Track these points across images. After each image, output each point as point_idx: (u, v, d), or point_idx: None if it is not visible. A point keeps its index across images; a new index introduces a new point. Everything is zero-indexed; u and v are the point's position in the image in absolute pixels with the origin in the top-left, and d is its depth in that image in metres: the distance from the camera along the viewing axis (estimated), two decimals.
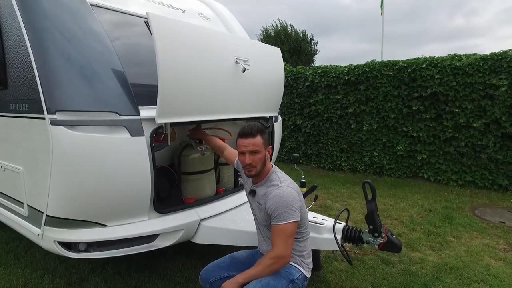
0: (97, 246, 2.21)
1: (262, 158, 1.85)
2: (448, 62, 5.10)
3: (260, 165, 1.86)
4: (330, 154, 6.52)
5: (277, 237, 1.75)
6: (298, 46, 18.84)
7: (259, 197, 1.91)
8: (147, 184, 2.15)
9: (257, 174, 1.87)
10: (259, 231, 2.03)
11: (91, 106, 2.00)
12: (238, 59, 2.51)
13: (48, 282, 2.53)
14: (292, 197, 1.78)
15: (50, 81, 1.98)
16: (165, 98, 2.06)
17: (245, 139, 1.85)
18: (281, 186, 1.81)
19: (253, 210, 2.04)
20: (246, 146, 1.84)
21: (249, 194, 2.01)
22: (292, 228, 1.76)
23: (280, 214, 1.74)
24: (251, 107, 2.80)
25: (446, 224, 3.78)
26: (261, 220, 1.92)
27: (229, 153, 2.40)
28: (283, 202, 1.75)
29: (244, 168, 1.90)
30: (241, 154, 1.88)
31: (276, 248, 1.74)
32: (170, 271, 2.68)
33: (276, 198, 1.77)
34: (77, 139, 1.91)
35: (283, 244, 1.73)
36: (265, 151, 1.88)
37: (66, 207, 2.05)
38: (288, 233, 1.74)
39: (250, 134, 1.84)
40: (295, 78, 6.77)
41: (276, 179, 1.88)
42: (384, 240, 2.13)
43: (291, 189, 1.81)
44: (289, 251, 1.75)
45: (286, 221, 1.73)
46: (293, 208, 1.75)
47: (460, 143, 5.16)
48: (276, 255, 1.73)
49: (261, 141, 1.85)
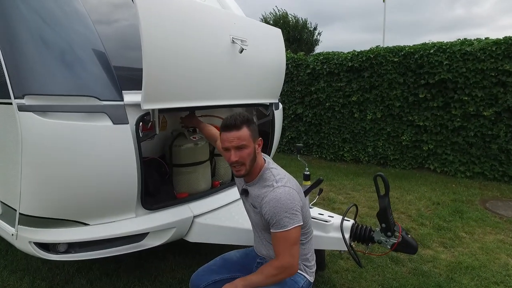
0: (79, 247, 1.99)
1: (250, 154, 1.58)
2: (457, 47, 4.83)
3: (249, 162, 1.59)
4: (332, 145, 6.29)
5: (281, 246, 1.52)
6: (298, 34, 18.41)
7: (253, 198, 1.66)
8: (133, 178, 1.91)
9: (247, 173, 1.61)
10: (257, 234, 1.80)
11: (66, 90, 1.75)
12: (235, 39, 2.25)
13: (28, 285, 2.32)
14: (292, 199, 1.52)
15: (17, 61, 1.72)
16: (151, 81, 1.80)
17: (228, 133, 1.56)
18: (277, 187, 1.55)
19: (247, 211, 1.80)
20: (230, 141, 1.56)
21: (242, 194, 1.77)
22: (295, 234, 1.52)
23: (280, 220, 1.50)
24: (249, 92, 2.54)
25: (456, 218, 3.57)
26: (258, 223, 1.69)
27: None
28: (282, 206, 1.50)
29: (231, 167, 1.63)
30: (225, 151, 1.61)
31: (281, 257, 1.51)
32: (162, 272, 2.47)
33: (272, 203, 1.51)
34: (50, 127, 1.66)
35: (288, 253, 1.50)
36: (254, 144, 1.60)
37: (40, 205, 1.82)
38: (292, 241, 1.51)
39: (234, 126, 1.55)
40: (295, 65, 6.49)
41: (270, 177, 1.61)
42: (398, 240, 1.91)
43: (289, 189, 1.55)
44: (296, 260, 1.53)
45: (287, 227, 1.49)
46: (293, 211, 1.51)
47: (469, 132, 4.92)
48: (282, 265, 1.51)
49: (248, 133, 1.57)
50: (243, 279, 1.57)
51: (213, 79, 2.16)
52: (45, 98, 1.69)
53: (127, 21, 2.41)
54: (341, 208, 3.83)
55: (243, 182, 1.76)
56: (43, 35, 1.86)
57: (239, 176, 1.65)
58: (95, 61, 1.94)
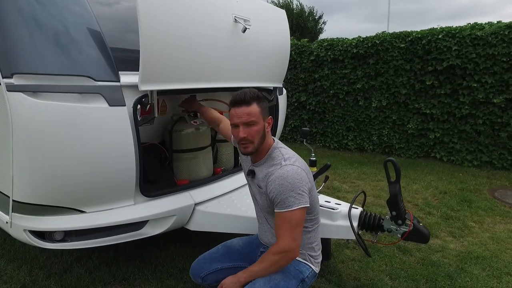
0: (76, 235, 1.91)
1: (260, 131, 1.50)
2: (467, 32, 4.66)
3: (258, 140, 1.51)
4: (336, 133, 6.17)
5: (282, 227, 1.44)
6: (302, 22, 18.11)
7: (259, 179, 1.58)
8: (131, 163, 1.82)
9: (255, 151, 1.53)
10: (262, 220, 1.71)
11: (58, 69, 1.65)
12: (237, 18, 2.13)
13: (25, 274, 2.25)
14: (299, 178, 1.44)
15: (5, 37, 1.61)
16: (148, 60, 1.69)
17: (238, 108, 1.49)
18: (285, 165, 1.47)
19: (253, 194, 1.72)
20: (239, 116, 1.48)
21: (248, 175, 1.68)
22: (299, 216, 1.44)
23: (285, 199, 1.42)
24: (253, 75, 2.43)
25: (465, 208, 3.48)
26: (263, 206, 1.60)
27: (225, 126, 2.04)
28: (288, 184, 1.42)
29: (239, 144, 1.55)
30: (234, 127, 1.53)
31: (281, 240, 1.43)
32: (163, 261, 2.40)
33: (279, 180, 1.43)
34: (41, 108, 1.57)
35: (289, 235, 1.42)
36: (263, 122, 1.52)
37: (33, 191, 1.73)
38: (295, 222, 1.42)
39: (243, 101, 1.48)
40: (299, 52, 6.32)
41: (278, 156, 1.53)
42: (409, 229, 1.82)
43: (297, 168, 1.47)
44: (297, 243, 1.45)
45: (292, 207, 1.41)
46: (300, 191, 1.42)
47: (478, 120, 4.79)
48: (281, 249, 1.42)
49: (258, 110, 1.49)
50: (245, 271, 1.49)
51: (214, 60, 2.05)
52: (35, 77, 1.59)
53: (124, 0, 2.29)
54: (346, 197, 3.74)
55: (250, 163, 1.67)
56: (33, 12, 1.75)
57: (246, 153, 1.55)
58: (89, 40, 1.83)
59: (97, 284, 2.16)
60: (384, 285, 2.18)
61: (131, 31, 2.02)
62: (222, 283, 1.50)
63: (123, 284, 2.19)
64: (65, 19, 1.83)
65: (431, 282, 2.22)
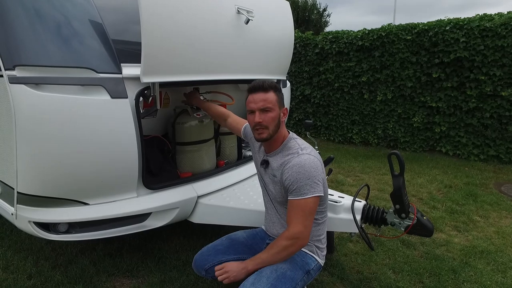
0: (80, 227, 1.93)
1: (275, 118, 1.52)
2: (476, 23, 4.57)
3: (274, 127, 1.52)
4: (341, 126, 6.13)
5: (295, 214, 1.45)
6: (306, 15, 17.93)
7: (274, 169, 1.58)
8: (133, 155, 1.82)
9: (269, 137, 1.54)
10: (271, 211, 1.71)
11: (60, 61, 1.64)
12: (240, 9, 2.11)
13: (31, 265, 2.28)
14: (315, 167, 1.46)
15: (7, 29, 1.61)
16: (150, 52, 1.69)
17: (255, 94, 1.53)
18: (302, 154, 1.49)
19: (264, 185, 1.71)
20: (256, 102, 1.51)
21: (261, 165, 1.67)
22: (313, 204, 1.45)
23: (301, 187, 1.43)
24: (256, 67, 2.41)
25: (470, 202, 3.44)
26: (276, 195, 1.60)
27: (233, 120, 2.04)
28: (305, 172, 1.43)
29: (254, 131, 1.57)
30: (250, 113, 1.56)
31: (293, 226, 1.44)
32: (166, 253, 2.41)
33: (296, 168, 1.45)
34: (43, 100, 1.57)
35: (302, 222, 1.43)
36: (279, 111, 1.55)
37: (37, 183, 1.74)
38: (308, 210, 1.44)
39: (261, 88, 1.52)
40: (303, 45, 6.27)
41: (295, 146, 1.55)
42: (413, 222, 1.80)
43: (314, 158, 1.49)
44: (308, 231, 1.46)
45: (307, 195, 1.43)
46: (316, 180, 1.44)
47: (485, 114, 4.72)
48: (293, 235, 1.43)
49: (275, 98, 1.53)
50: (253, 259, 1.50)
51: (217, 52, 2.03)
52: (37, 69, 1.59)
53: None
54: (350, 190, 3.72)
55: (263, 154, 1.67)
56: (35, 4, 1.74)
57: (260, 139, 1.57)
58: (91, 32, 1.83)
59: (101, 275, 2.18)
60: (387, 279, 2.18)
61: (133, 23, 2.01)
62: (226, 265, 1.49)
63: (127, 275, 2.20)
64: (67, 11, 1.83)
65: (434, 276, 2.21)
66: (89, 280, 2.12)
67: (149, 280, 2.14)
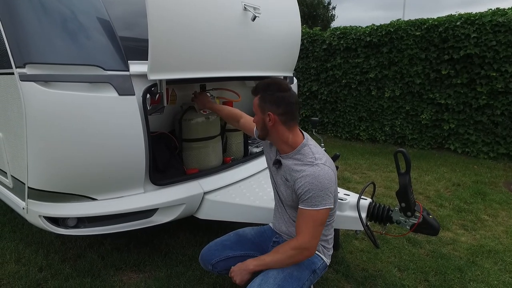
0: (88, 221, 1.97)
1: (259, 122, 1.58)
2: (488, 18, 4.49)
3: (260, 129, 1.60)
4: (348, 123, 6.10)
5: (305, 224, 1.45)
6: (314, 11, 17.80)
7: (286, 171, 1.57)
8: (140, 151, 1.85)
9: (262, 138, 1.64)
10: (281, 210, 1.71)
11: (69, 59, 1.67)
12: (247, 6, 2.10)
13: (42, 258, 2.34)
14: (329, 179, 1.45)
15: (17, 28, 1.64)
16: (157, 49, 1.70)
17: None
18: (317, 164, 1.47)
19: (276, 185, 1.70)
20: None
21: (274, 164, 1.67)
22: (324, 216, 1.46)
23: (313, 197, 1.43)
24: (262, 64, 2.41)
25: (478, 200, 3.41)
26: (287, 198, 1.60)
27: (246, 121, 2.00)
28: (319, 184, 1.43)
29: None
30: None
31: (301, 237, 1.45)
32: (172, 248, 2.45)
33: (309, 178, 1.44)
34: (53, 97, 1.60)
35: (311, 233, 1.44)
36: (261, 115, 1.55)
37: (47, 179, 1.78)
38: (318, 222, 1.45)
39: (253, 91, 1.60)
40: (311, 41, 6.22)
41: (309, 153, 1.52)
42: (418, 221, 1.80)
43: (329, 169, 1.48)
44: (315, 242, 1.46)
45: (318, 206, 1.43)
46: (328, 192, 1.44)
47: (495, 111, 4.65)
48: (300, 245, 1.44)
49: (257, 102, 1.57)
50: (256, 259, 1.51)
51: (223, 49, 2.03)
52: (47, 67, 1.62)
53: None
54: (356, 187, 3.71)
55: (276, 153, 1.67)
56: (44, 2, 1.77)
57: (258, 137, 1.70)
58: (99, 30, 1.85)
59: (109, 269, 2.22)
60: (392, 277, 2.18)
61: (140, 20, 2.02)
62: (232, 270, 1.53)
63: (134, 270, 2.24)
64: (75, 9, 1.85)
65: (440, 275, 2.20)
66: (97, 274, 2.17)
67: (156, 274, 2.17)
